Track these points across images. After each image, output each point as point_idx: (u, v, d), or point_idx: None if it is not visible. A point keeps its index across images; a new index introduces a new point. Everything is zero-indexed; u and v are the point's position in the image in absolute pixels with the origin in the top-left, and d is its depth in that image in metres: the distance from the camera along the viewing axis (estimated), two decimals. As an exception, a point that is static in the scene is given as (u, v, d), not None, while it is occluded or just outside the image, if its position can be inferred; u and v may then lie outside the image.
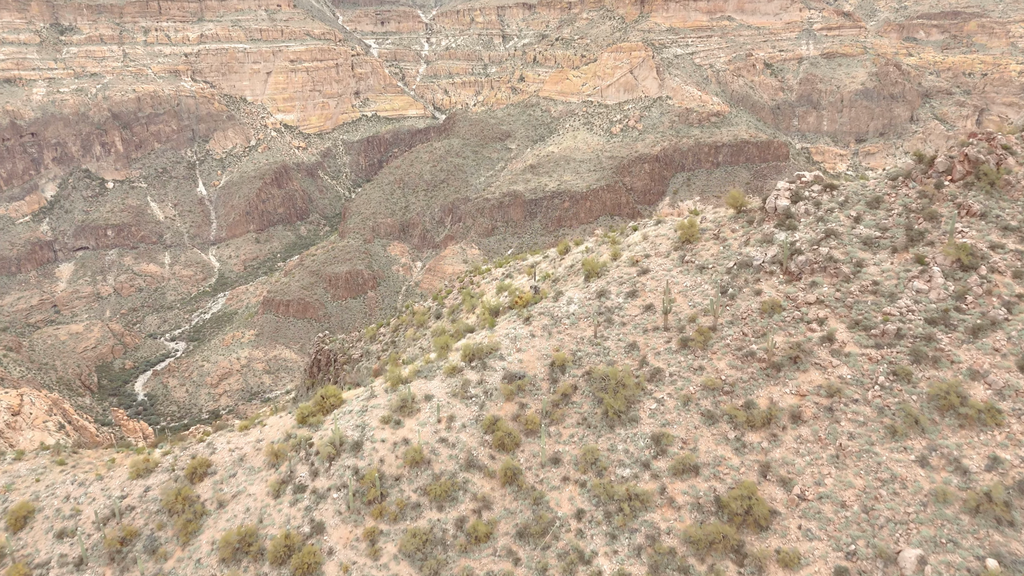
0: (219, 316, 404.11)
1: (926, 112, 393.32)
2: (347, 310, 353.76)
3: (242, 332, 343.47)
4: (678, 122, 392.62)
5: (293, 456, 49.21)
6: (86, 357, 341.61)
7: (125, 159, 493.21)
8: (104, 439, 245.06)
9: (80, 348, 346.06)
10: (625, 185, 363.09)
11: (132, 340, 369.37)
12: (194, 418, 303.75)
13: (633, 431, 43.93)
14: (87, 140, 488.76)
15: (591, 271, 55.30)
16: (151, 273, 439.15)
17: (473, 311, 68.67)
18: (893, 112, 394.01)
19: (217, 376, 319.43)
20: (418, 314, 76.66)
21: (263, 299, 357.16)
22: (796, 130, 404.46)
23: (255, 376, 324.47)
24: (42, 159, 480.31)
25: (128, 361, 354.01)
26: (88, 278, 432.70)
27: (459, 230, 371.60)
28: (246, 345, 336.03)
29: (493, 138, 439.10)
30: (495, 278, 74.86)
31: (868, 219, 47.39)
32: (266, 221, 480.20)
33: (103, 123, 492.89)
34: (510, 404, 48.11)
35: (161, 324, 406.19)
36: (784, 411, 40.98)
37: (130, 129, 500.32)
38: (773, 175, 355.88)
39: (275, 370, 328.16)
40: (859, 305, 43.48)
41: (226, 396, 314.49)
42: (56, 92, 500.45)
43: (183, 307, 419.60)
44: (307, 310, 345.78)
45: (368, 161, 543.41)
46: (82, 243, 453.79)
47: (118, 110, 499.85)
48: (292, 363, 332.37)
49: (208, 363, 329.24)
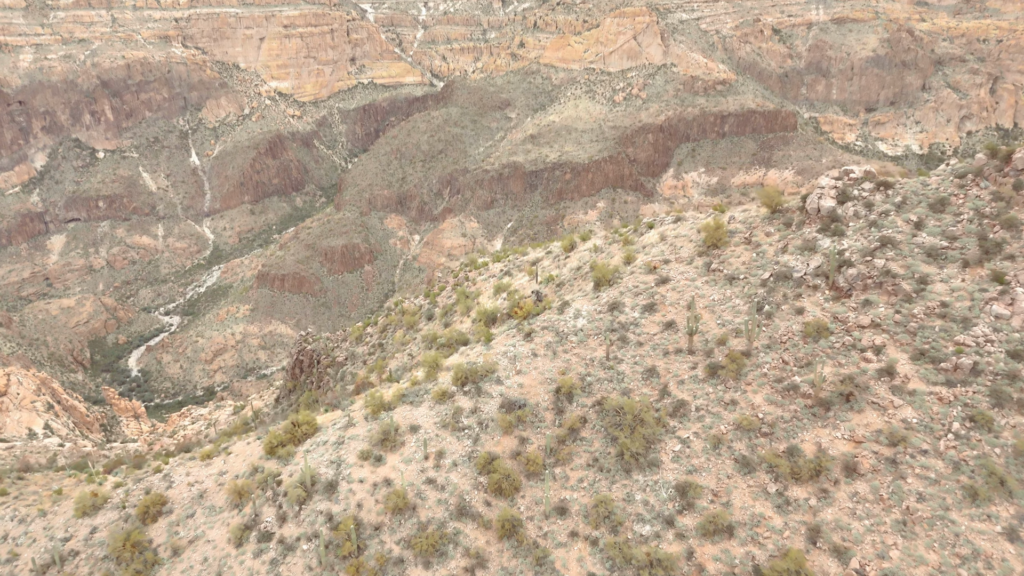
0: (214, 290, 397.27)
1: (938, 80, 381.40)
2: (343, 285, 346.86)
3: (236, 307, 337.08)
4: (683, 90, 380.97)
5: (259, 496, 42.71)
6: (78, 332, 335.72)
7: (115, 128, 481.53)
8: (95, 418, 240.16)
9: (72, 323, 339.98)
10: (628, 156, 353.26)
11: (125, 314, 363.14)
12: (188, 395, 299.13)
13: (653, 478, 37.33)
14: (76, 108, 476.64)
15: (601, 278, 48.21)
16: (144, 245, 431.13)
17: (468, 314, 61.73)
18: (904, 80, 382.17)
19: (212, 352, 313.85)
20: (408, 314, 69.75)
21: (257, 273, 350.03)
22: (804, 99, 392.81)
23: (250, 352, 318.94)
24: (31, 128, 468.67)
25: (121, 336, 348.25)
26: (80, 250, 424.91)
27: (458, 202, 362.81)
28: (241, 320, 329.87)
29: (492, 107, 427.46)
30: (492, 275, 67.78)
31: (931, 225, 40.16)
32: (261, 192, 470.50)
33: (92, 91, 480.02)
34: (508, 438, 41.50)
35: (155, 298, 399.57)
36: (836, 461, 34.31)
37: (120, 97, 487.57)
38: (780, 146, 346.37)
39: (270, 345, 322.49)
40: (924, 331, 36.52)
41: (221, 372, 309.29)
42: (43, 59, 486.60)
43: (177, 280, 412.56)
44: (303, 285, 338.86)
45: (364, 130, 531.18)
46: (73, 215, 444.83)
47: (107, 77, 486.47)
48: (288, 339, 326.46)
49: (202, 338, 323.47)
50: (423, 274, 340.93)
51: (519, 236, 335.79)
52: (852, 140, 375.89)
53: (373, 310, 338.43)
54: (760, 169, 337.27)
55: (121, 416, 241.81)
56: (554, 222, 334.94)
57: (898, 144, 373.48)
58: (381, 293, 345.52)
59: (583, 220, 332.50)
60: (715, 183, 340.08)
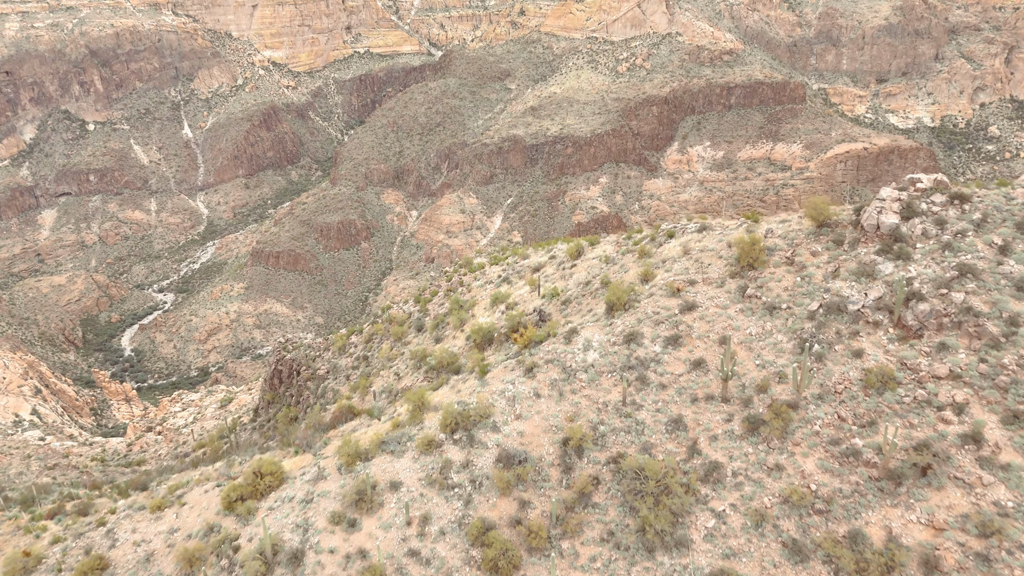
0: (208, 266, 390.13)
1: (952, 50, 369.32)
2: (340, 262, 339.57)
3: (231, 285, 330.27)
4: (688, 61, 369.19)
5: (213, 563, 36.26)
6: (70, 310, 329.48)
7: (106, 99, 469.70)
8: (84, 402, 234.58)
9: (63, 301, 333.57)
10: (632, 130, 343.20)
11: (118, 292, 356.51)
12: (182, 375, 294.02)
13: (682, 561, 30.80)
14: (65, 79, 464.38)
15: (615, 300, 41.18)
16: (137, 220, 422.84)
17: (461, 328, 54.85)
18: (917, 50, 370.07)
19: (206, 332, 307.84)
20: (396, 323, 62.90)
21: (252, 251, 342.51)
22: (813, 69, 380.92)
23: (245, 331, 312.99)
24: (19, 99, 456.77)
25: (114, 314, 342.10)
26: (72, 225, 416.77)
27: (456, 177, 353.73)
28: (235, 299, 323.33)
29: (492, 77, 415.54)
30: (489, 280, 60.74)
31: (1020, 251, 33.05)
32: (255, 165, 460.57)
33: (81, 61, 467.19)
34: (506, 501, 34.92)
35: (148, 274, 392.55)
36: (911, 554, 27.70)
37: (109, 67, 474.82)
38: (788, 119, 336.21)
39: (266, 325, 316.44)
40: (1018, 387, 29.67)
41: (215, 352, 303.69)
42: (30, 27, 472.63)
43: (171, 256, 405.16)
44: (298, 262, 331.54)
45: (361, 101, 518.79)
46: (64, 189, 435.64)
47: (96, 47, 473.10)
48: (284, 318, 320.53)
49: (196, 317, 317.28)
50: (421, 251, 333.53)
51: (519, 213, 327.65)
52: (862, 112, 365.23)
53: (371, 288, 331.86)
54: (767, 143, 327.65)
55: (112, 399, 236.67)
56: (555, 198, 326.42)
57: (909, 116, 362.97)
58: (378, 271, 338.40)
59: (585, 196, 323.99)
60: (721, 157, 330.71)
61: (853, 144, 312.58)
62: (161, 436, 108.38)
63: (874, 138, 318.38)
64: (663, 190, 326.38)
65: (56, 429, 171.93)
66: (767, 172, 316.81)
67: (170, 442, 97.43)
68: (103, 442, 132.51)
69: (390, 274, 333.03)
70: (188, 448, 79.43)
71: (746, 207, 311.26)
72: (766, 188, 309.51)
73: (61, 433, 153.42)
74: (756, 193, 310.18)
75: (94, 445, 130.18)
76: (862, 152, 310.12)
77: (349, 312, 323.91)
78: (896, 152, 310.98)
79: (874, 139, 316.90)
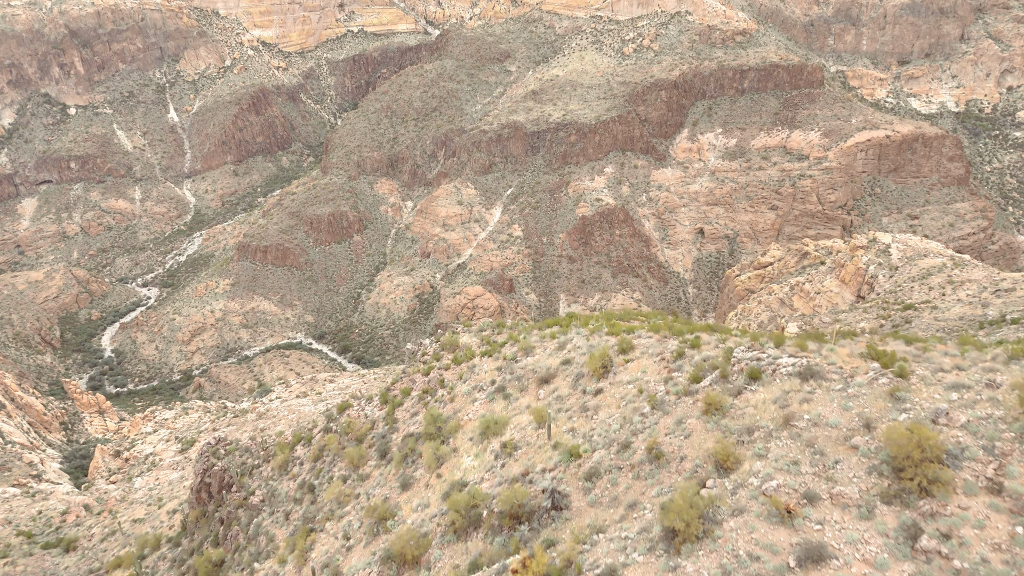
0: (195, 259, 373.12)
1: (978, 29, 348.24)
2: (331, 256, 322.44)
3: (216, 281, 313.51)
4: (699, 42, 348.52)
5: None
6: (47, 308, 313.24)
7: (87, 82, 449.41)
8: (54, 416, 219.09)
9: (40, 298, 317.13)
10: (639, 116, 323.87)
11: (99, 287, 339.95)
12: (164, 379, 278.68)
13: None
14: (44, 61, 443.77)
15: (677, 523, 24.68)
16: (120, 210, 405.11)
17: (438, 472, 38.60)
18: (941, 29, 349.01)
19: (189, 332, 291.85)
20: (354, 434, 46.64)
21: (238, 244, 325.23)
22: (831, 50, 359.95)
23: (231, 331, 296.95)
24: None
25: (95, 311, 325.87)
26: (52, 215, 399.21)
27: (453, 166, 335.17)
28: (221, 296, 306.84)
29: (490, 59, 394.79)
30: (479, 385, 44.37)
31: None
32: (244, 151, 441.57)
33: (60, 41, 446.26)
34: None
35: (132, 267, 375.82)
36: None
37: (90, 48, 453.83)
38: (805, 104, 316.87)
39: (253, 324, 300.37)
40: None
41: (199, 354, 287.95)
42: (7, 6, 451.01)
43: (156, 248, 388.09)
44: (287, 257, 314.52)
45: (354, 83, 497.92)
46: (45, 176, 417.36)
47: (76, 26, 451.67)
48: (272, 316, 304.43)
49: (180, 316, 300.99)
50: (416, 245, 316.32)
51: (519, 205, 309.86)
52: (882, 96, 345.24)
53: (363, 284, 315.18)
54: (783, 130, 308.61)
55: (84, 412, 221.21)
56: (558, 189, 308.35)
57: (932, 101, 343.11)
58: (372, 265, 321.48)
59: (589, 187, 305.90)
60: (733, 146, 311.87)
61: (875, 132, 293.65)
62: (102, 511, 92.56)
63: (897, 125, 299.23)
64: (672, 181, 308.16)
65: (14, 457, 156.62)
66: (783, 162, 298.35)
67: (105, 525, 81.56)
68: (49, 491, 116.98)
69: (384, 269, 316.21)
70: (105, 562, 63.57)
71: (760, 199, 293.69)
72: (782, 179, 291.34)
73: (11, 471, 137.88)
74: (771, 184, 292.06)
75: (37, 496, 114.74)
76: (884, 140, 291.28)
77: (341, 310, 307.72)
78: (920, 140, 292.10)
79: (897, 126, 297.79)
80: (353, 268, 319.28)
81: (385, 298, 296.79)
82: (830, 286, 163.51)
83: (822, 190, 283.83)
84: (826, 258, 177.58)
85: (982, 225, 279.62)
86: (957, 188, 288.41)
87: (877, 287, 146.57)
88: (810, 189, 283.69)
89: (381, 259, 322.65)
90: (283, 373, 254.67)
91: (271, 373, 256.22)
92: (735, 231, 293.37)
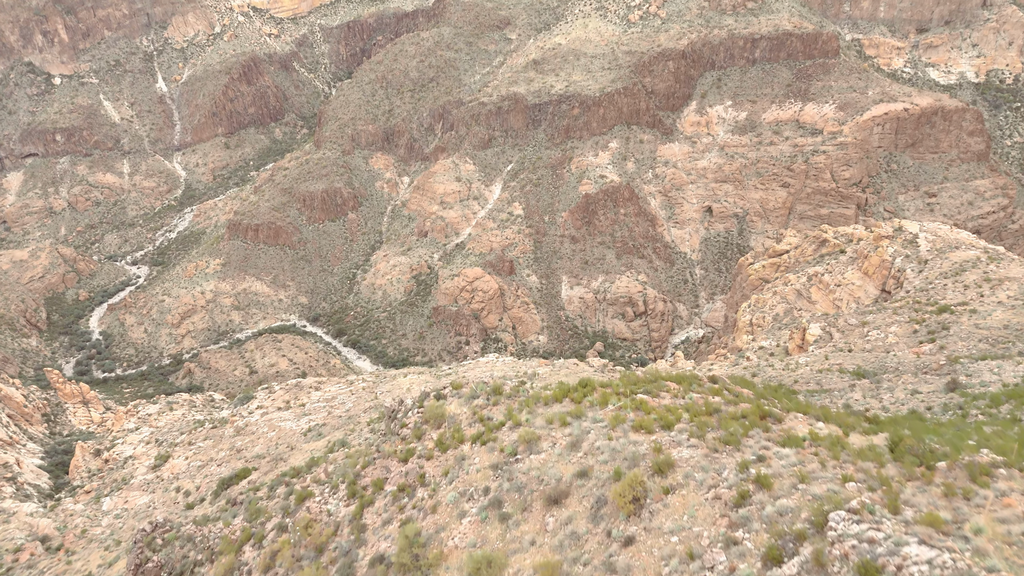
0: (186, 236, 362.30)
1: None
2: (325, 235, 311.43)
3: (206, 261, 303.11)
4: (708, 8, 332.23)
5: None
6: (32, 288, 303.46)
7: (72, 50, 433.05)
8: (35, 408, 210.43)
9: (26, 278, 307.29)
10: (645, 87, 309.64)
11: (86, 266, 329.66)
12: (153, 363, 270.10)
13: None
14: (26, 28, 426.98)
15: None
16: (108, 184, 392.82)
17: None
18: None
19: (179, 314, 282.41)
20: (312, 542, 37.12)
21: (228, 223, 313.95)
22: (847, 17, 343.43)
23: (222, 313, 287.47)
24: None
25: (82, 291, 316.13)
26: (39, 190, 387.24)
27: (451, 140, 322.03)
28: (211, 277, 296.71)
29: (490, 26, 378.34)
30: (468, 492, 34.69)
31: None
32: (236, 123, 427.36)
33: (43, 7, 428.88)
34: None
35: (122, 244, 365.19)
36: None
37: (74, 14, 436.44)
38: (819, 75, 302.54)
39: (245, 306, 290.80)
40: None
41: (190, 337, 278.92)
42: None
43: (146, 224, 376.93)
44: (279, 235, 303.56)
45: (349, 51, 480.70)
46: (30, 149, 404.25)
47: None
48: (264, 297, 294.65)
49: (169, 297, 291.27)
50: (413, 223, 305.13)
51: (520, 181, 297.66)
52: (900, 66, 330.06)
53: (359, 264, 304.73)
54: (796, 103, 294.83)
55: (67, 403, 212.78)
56: (560, 165, 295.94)
57: (951, 71, 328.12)
58: (367, 244, 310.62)
59: (593, 163, 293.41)
60: (744, 119, 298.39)
61: (892, 104, 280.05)
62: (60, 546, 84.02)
63: (915, 97, 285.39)
64: (679, 156, 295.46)
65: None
66: (795, 136, 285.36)
67: (56, 574, 72.86)
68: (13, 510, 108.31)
69: (379, 248, 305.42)
70: None
71: (771, 176, 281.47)
72: (794, 155, 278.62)
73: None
74: (783, 160, 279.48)
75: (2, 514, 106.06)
76: (902, 114, 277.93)
77: (335, 291, 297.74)
78: (940, 114, 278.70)
79: (915, 99, 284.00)
80: (348, 247, 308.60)
81: (381, 279, 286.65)
82: (852, 278, 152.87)
83: (836, 166, 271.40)
84: (846, 246, 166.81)
85: (1002, 203, 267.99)
86: (977, 164, 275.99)
87: (905, 283, 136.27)
88: (824, 165, 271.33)
89: (377, 238, 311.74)
90: (275, 360, 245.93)
91: (263, 359, 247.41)
92: (745, 209, 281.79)
